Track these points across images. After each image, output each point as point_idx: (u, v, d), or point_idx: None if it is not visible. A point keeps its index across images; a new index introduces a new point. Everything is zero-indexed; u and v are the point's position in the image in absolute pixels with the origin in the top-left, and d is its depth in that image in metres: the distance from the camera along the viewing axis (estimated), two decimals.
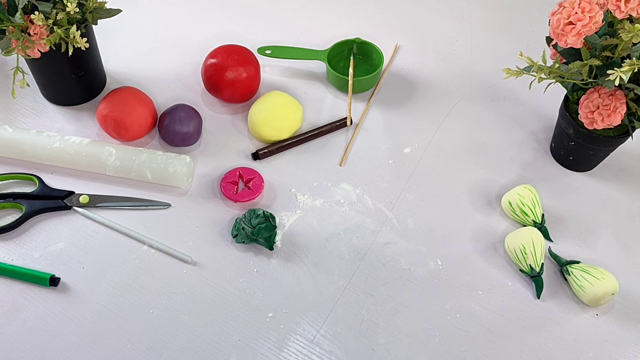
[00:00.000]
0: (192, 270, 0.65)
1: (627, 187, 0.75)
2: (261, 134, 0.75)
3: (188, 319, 0.61)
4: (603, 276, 0.62)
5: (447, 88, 0.86)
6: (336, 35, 0.88)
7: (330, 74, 0.83)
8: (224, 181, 0.71)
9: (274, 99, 0.76)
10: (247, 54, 0.79)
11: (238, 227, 0.66)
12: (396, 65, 0.89)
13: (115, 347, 0.59)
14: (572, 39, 0.58)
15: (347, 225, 0.69)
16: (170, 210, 0.70)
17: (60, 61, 0.73)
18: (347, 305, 0.63)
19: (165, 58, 0.87)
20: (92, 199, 0.70)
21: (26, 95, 0.80)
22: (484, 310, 0.63)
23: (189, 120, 0.73)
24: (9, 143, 0.72)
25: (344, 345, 0.60)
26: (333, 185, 0.73)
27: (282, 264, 0.66)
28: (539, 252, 0.64)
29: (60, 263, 0.65)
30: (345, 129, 0.80)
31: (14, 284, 0.63)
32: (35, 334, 0.60)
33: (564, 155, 0.75)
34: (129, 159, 0.71)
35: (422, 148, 0.78)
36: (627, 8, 0.57)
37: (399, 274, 0.66)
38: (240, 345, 0.60)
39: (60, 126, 0.77)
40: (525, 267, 0.64)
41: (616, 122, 0.63)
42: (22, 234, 0.67)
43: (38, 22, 0.63)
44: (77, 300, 0.62)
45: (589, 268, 0.63)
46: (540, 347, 0.61)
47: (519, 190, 0.69)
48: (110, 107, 0.72)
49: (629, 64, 0.56)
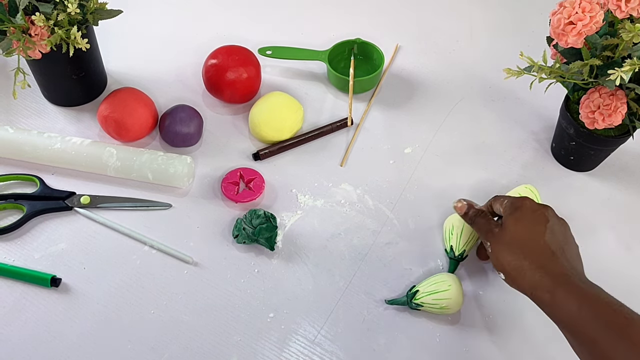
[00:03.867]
0: (193, 270, 0.65)
1: (628, 187, 0.75)
2: (262, 134, 0.75)
3: (189, 320, 0.61)
4: (446, 284, 0.61)
5: (447, 88, 0.86)
6: (337, 35, 0.88)
7: (331, 75, 0.83)
8: (225, 181, 0.71)
9: (275, 100, 0.76)
10: (247, 54, 0.79)
11: (239, 228, 0.66)
12: (397, 66, 0.89)
13: (116, 347, 0.59)
14: (572, 39, 0.58)
15: (347, 226, 0.69)
16: (171, 211, 0.70)
17: (61, 62, 0.73)
18: (348, 305, 0.63)
19: (166, 59, 0.87)
20: (93, 200, 0.70)
21: (27, 96, 0.80)
22: (484, 310, 0.63)
23: (190, 120, 0.73)
24: (10, 144, 0.72)
25: (345, 346, 0.60)
26: (334, 186, 0.73)
27: (283, 264, 0.66)
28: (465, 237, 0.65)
29: (62, 264, 0.65)
30: (345, 130, 0.80)
31: (15, 285, 0.63)
32: (36, 335, 0.60)
33: (564, 155, 0.75)
34: (130, 160, 0.71)
35: (423, 148, 0.78)
36: (627, 8, 0.57)
37: (400, 274, 0.66)
38: (241, 346, 0.60)
39: (61, 127, 0.78)
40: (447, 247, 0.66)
41: (617, 122, 0.63)
42: (23, 235, 0.67)
43: (39, 23, 0.63)
44: (78, 300, 0.62)
45: (429, 287, 0.61)
46: (542, 346, 0.61)
47: (519, 191, 0.69)
48: (111, 108, 0.72)
49: (629, 64, 0.56)
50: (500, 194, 0.68)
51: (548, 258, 0.54)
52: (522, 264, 0.55)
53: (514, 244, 0.56)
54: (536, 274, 0.54)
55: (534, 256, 0.55)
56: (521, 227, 0.57)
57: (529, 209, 0.58)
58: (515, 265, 0.55)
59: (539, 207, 0.59)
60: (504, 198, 0.62)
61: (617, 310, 0.49)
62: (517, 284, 0.56)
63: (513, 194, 0.69)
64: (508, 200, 0.61)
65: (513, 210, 0.59)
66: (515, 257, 0.56)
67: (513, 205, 0.59)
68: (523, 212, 0.58)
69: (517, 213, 0.58)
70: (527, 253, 0.55)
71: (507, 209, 0.60)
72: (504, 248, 0.57)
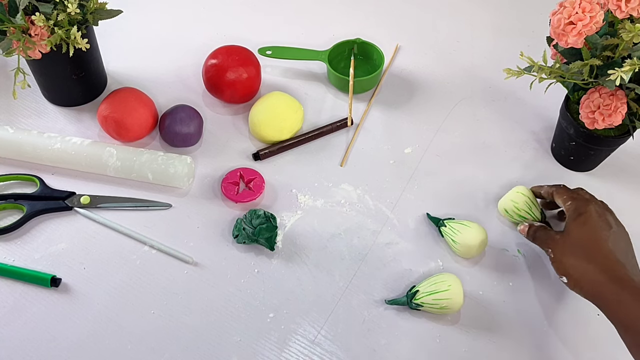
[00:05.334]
0: (193, 270, 0.65)
1: (628, 187, 0.75)
2: (262, 134, 0.75)
3: (189, 320, 0.61)
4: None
5: (447, 88, 0.86)
6: (337, 35, 0.88)
7: (331, 75, 0.83)
8: (225, 182, 0.71)
9: (275, 100, 0.76)
10: (247, 54, 0.79)
11: (239, 228, 0.66)
12: (397, 66, 0.89)
13: (116, 347, 0.59)
14: (572, 39, 0.58)
15: (347, 226, 0.69)
16: (171, 211, 0.70)
17: (61, 62, 0.73)
18: (348, 305, 0.63)
19: (166, 59, 0.87)
20: (93, 200, 0.70)
21: (27, 96, 0.80)
22: (484, 310, 0.63)
23: (190, 120, 0.73)
24: (10, 144, 0.72)
25: (345, 346, 0.60)
26: (334, 186, 0.73)
27: (283, 264, 0.66)
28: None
29: (62, 264, 0.65)
30: (345, 130, 0.80)
31: (15, 285, 0.63)
32: (36, 335, 0.60)
33: (564, 155, 0.75)
34: (130, 160, 0.71)
35: (423, 148, 0.78)
36: (627, 8, 0.57)
37: (400, 274, 0.66)
38: (241, 346, 0.60)
39: (61, 127, 0.78)
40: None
41: (617, 122, 0.63)
42: (23, 235, 0.67)
43: (39, 23, 0.63)
44: (78, 300, 0.62)
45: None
46: (542, 346, 0.61)
47: (511, 197, 0.68)
48: (111, 108, 0.72)
49: (629, 64, 0.56)
50: (500, 194, 0.68)
51: (613, 262, 0.56)
52: (587, 268, 0.57)
53: (578, 249, 0.58)
54: (601, 277, 0.55)
55: (598, 260, 0.57)
56: (585, 232, 0.59)
57: (594, 214, 0.60)
58: (579, 268, 0.57)
59: (603, 212, 0.61)
60: (568, 197, 0.63)
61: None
62: (581, 287, 0.57)
63: (506, 202, 0.69)
64: (572, 203, 0.62)
65: (577, 215, 0.60)
66: (580, 261, 0.57)
67: (577, 210, 0.61)
68: (587, 217, 0.60)
69: (581, 218, 0.60)
70: (592, 257, 0.57)
71: (571, 214, 0.61)
72: (568, 252, 0.59)
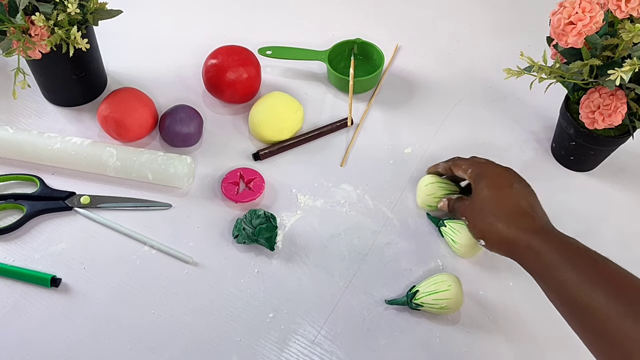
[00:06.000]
0: (193, 270, 0.65)
1: (628, 187, 0.75)
2: (262, 134, 0.75)
3: (189, 320, 0.61)
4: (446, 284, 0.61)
5: (447, 88, 0.86)
6: (337, 35, 0.88)
7: (331, 75, 0.83)
8: (225, 182, 0.71)
9: (275, 100, 0.76)
10: (247, 54, 0.79)
11: (239, 228, 0.66)
12: (397, 66, 0.89)
13: (116, 347, 0.59)
14: (572, 39, 0.58)
15: (347, 226, 0.69)
16: (171, 211, 0.70)
17: (61, 62, 0.73)
18: (348, 305, 0.63)
19: (166, 59, 0.87)
20: (93, 200, 0.70)
21: (27, 96, 0.80)
22: (484, 310, 0.63)
23: (190, 120, 0.73)
24: (10, 144, 0.72)
25: (345, 346, 0.60)
26: (334, 186, 0.73)
27: (283, 264, 0.66)
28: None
29: (62, 264, 0.65)
30: (345, 130, 0.80)
31: (15, 285, 0.63)
32: (36, 335, 0.60)
33: (564, 155, 0.75)
34: (130, 160, 0.71)
35: (423, 148, 0.78)
36: (627, 8, 0.57)
37: (400, 274, 0.66)
38: (241, 346, 0.60)
39: (61, 127, 0.78)
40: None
41: (617, 122, 0.63)
42: (23, 235, 0.67)
43: (39, 23, 0.63)
44: (78, 300, 0.62)
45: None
46: (542, 346, 0.61)
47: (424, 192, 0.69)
48: (111, 108, 0.72)
49: (629, 64, 0.56)
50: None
51: (518, 215, 0.58)
52: (497, 226, 0.58)
53: (486, 209, 0.60)
54: (511, 231, 0.57)
55: (505, 216, 0.59)
56: (489, 192, 0.61)
57: (494, 174, 0.63)
58: (490, 228, 0.59)
59: (502, 171, 0.63)
60: (466, 165, 0.65)
61: (589, 252, 0.54)
62: (496, 246, 0.60)
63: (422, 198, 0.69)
64: (472, 170, 0.64)
65: (480, 179, 0.63)
66: (489, 220, 0.59)
67: (478, 174, 0.63)
68: (488, 178, 0.62)
69: (483, 181, 0.62)
70: (499, 215, 0.59)
71: (474, 179, 0.63)
72: (478, 215, 0.61)
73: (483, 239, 0.60)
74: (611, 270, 0.52)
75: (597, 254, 0.54)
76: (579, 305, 0.50)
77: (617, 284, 0.50)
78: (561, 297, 0.53)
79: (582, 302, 0.50)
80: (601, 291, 0.49)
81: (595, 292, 0.49)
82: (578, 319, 0.51)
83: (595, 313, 0.49)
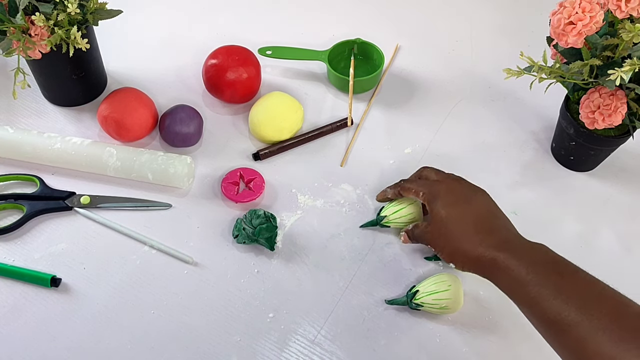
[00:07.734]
0: (193, 270, 0.65)
1: (628, 187, 0.75)
2: (262, 134, 0.75)
3: (189, 320, 0.61)
4: (446, 284, 0.60)
5: (447, 88, 0.86)
6: (337, 35, 0.88)
7: (331, 75, 0.83)
8: (225, 182, 0.71)
9: (275, 100, 0.76)
10: (247, 54, 0.79)
11: (239, 228, 0.66)
12: (397, 66, 0.89)
13: (116, 347, 0.59)
14: (572, 39, 0.58)
15: (347, 226, 0.69)
16: (171, 211, 0.70)
17: (61, 62, 0.73)
18: (348, 305, 0.63)
19: (166, 59, 0.87)
20: (93, 200, 0.70)
21: (27, 96, 0.80)
22: (484, 310, 0.63)
23: (190, 120, 0.73)
24: (10, 144, 0.72)
25: (345, 346, 0.60)
26: (334, 186, 0.73)
27: (283, 264, 0.66)
28: None
29: (62, 264, 0.65)
30: (345, 130, 0.80)
31: (15, 285, 0.63)
32: (36, 335, 0.60)
33: (564, 155, 0.75)
34: (130, 160, 0.71)
35: (423, 148, 0.78)
36: (627, 8, 0.57)
37: (400, 274, 0.66)
38: (241, 346, 0.60)
39: (61, 127, 0.78)
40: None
41: (617, 122, 0.63)
42: (23, 235, 0.67)
43: (39, 23, 0.63)
44: (78, 300, 0.62)
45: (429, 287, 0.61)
46: (542, 346, 0.61)
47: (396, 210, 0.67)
48: (111, 108, 0.72)
49: (629, 64, 0.56)
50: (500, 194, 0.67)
51: (482, 232, 0.56)
52: (462, 247, 0.56)
53: (447, 232, 0.58)
54: (476, 250, 0.55)
55: (468, 235, 0.56)
56: (446, 212, 0.58)
57: (447, 191, 0.60)
58: (455, 251, 0.57)
59: (453, 185, 0.60)
60: (416, 188, 0.62)
61: (558, 264, 0.52)
62: (466, 267, 0.57)
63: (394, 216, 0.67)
64: (422, 191, 0.61)
65: (433, 198, 0.60)
66: (453, 244, 0.57)
67: (430, 194, 0.60)
68: (442, 196, 0.59)
69: (437, 201, 0.59)
70: (462, 235, 0.57)
71: (427, 200, 0.60)
72: (440, 239, 0.59)
73: (452, 262, 0.58)
74: (582, 281, 0.50)
75: (566, 262, 0.52)
76: (552, 322, 0.49)
77: (589, 297, 0.49)
78: (534, 314, 0.51)
79: (556, 319, 0.48)
80: (573, 307, 0.48)
81: (569, 309, 0.48)
82: (554, 337, 0.50)
83: (570, 331, 0.47)
